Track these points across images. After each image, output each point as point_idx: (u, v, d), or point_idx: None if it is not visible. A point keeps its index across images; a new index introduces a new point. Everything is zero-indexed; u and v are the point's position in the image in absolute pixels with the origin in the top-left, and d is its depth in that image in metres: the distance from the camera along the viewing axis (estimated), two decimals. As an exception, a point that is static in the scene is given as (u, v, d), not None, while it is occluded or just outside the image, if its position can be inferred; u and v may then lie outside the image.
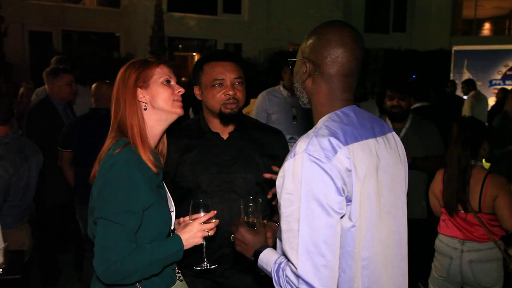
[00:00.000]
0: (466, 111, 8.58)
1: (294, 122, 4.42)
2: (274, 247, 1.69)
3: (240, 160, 2.19)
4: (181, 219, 1.91)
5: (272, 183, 2.29)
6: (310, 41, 1.54)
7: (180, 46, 14.51)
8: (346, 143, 1.40)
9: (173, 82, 1.80)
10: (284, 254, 1.46)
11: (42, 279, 4.15)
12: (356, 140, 1.44)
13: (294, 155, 1.39)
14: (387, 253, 1.53)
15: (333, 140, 1.38)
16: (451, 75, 11.59)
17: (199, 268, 1.92)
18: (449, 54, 11.96)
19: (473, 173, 2.94)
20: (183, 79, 9.96)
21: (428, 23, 15.31)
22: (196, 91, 2.22)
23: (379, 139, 1.55)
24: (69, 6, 12.34)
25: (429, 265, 3.27)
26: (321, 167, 1.34)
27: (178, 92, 1.79)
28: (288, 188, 1.38)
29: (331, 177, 1.34)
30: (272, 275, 1.49)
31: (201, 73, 2.18)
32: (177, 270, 1.85)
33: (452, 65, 11.74)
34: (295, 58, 1.63)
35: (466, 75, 11.35)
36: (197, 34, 13.72)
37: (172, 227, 1.85)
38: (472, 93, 8.82)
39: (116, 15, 12.88)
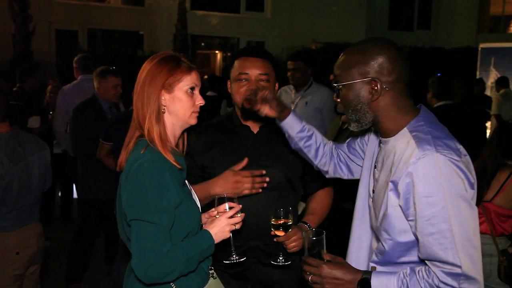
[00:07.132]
0: (494, 110, 8.41)
1: None
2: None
3: (270, 154, 2.19)
4: (206, 214, 1.90)
5: (301, 176, 2.27)
6: (371, 60, 1.56)
7: (203, 44, 14.63)
8: (458, 141, 1.51)
9: (196, 91, 1.77)
10: (426, 260, 1.46)
11: (66, 275, 4.24)
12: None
13: (420, 158, 1.42)
14: None
15: (452, 140, 1.49)
16: (478, 73, 11.32)
17: (228, 261, 1.91)
18: (476, 51, 11.70)
19: (501, 172, 2.94)
20: (205, 76, 10.09)
21: (454, 20, 15.02)
22: (228, 84, 2.25)
23: None
24: (94, 4, 12.57)
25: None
26: (456, 165, 1.42)
27: (198, 104, 1.78)
28: (424, 192, 1.41)
29: (465, 173, 1.43)
30: None
31: (231, 67, 2.21)
32: (209, 267, 1.84)
33: (478, 63, 11.47)
34: (342, 79, 1.61)
35: (493, 73, 11.07)
36: (219, 32, 13.80)
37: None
38: (501, 91, 8.61)
39: (140, 13, 13.05)
